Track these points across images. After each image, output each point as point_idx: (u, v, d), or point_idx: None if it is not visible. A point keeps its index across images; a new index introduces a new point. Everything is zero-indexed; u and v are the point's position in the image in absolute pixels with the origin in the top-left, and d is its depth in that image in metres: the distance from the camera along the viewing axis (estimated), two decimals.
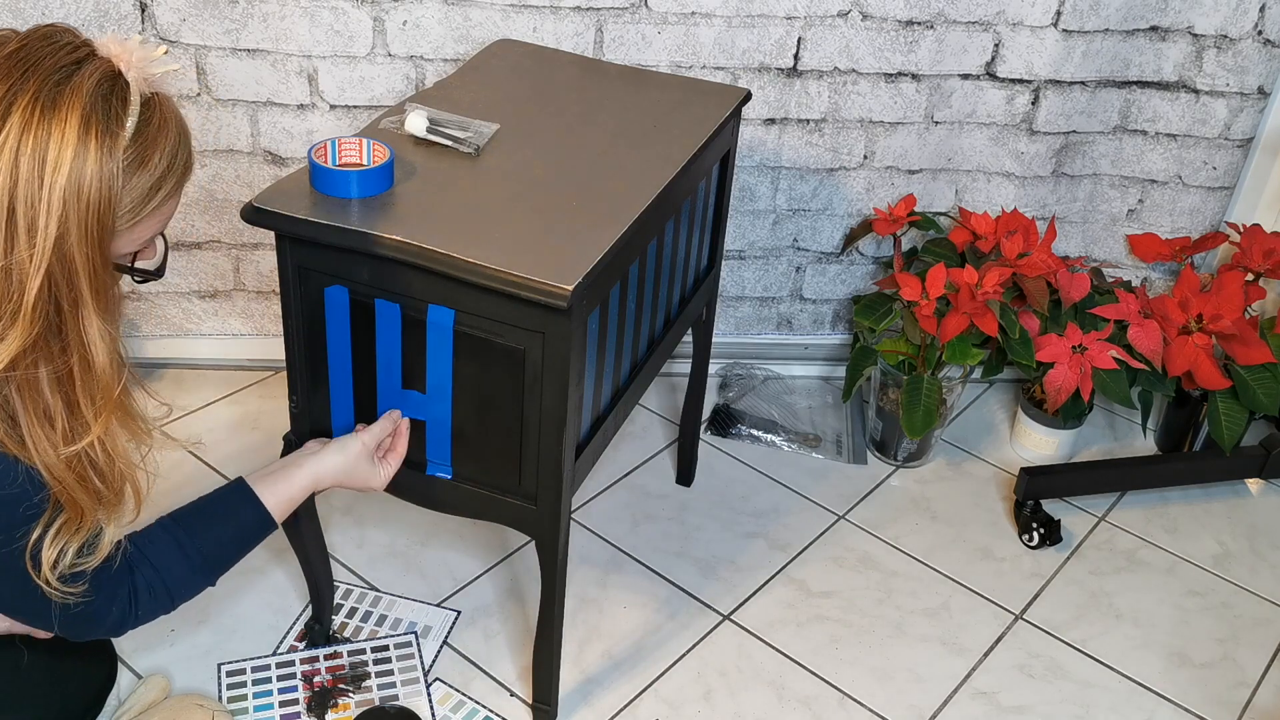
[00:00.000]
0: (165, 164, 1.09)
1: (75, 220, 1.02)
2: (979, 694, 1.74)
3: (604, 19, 1.99)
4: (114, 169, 1.03)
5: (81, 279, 1.04)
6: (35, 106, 0.99)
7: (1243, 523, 2.13)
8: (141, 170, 1.07)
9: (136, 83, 1.06)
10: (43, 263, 1.01)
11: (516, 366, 1.29)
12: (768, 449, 2.22)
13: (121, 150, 1.04)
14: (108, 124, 1.03)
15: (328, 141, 1.36)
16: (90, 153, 1.01)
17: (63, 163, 1.00)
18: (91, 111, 1.01)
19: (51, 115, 1.00)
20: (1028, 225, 2.10)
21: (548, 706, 1.59)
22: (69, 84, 1.01)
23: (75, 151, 1.00)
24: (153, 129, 1.08)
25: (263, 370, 2.29)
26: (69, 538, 1.13)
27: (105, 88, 1.04)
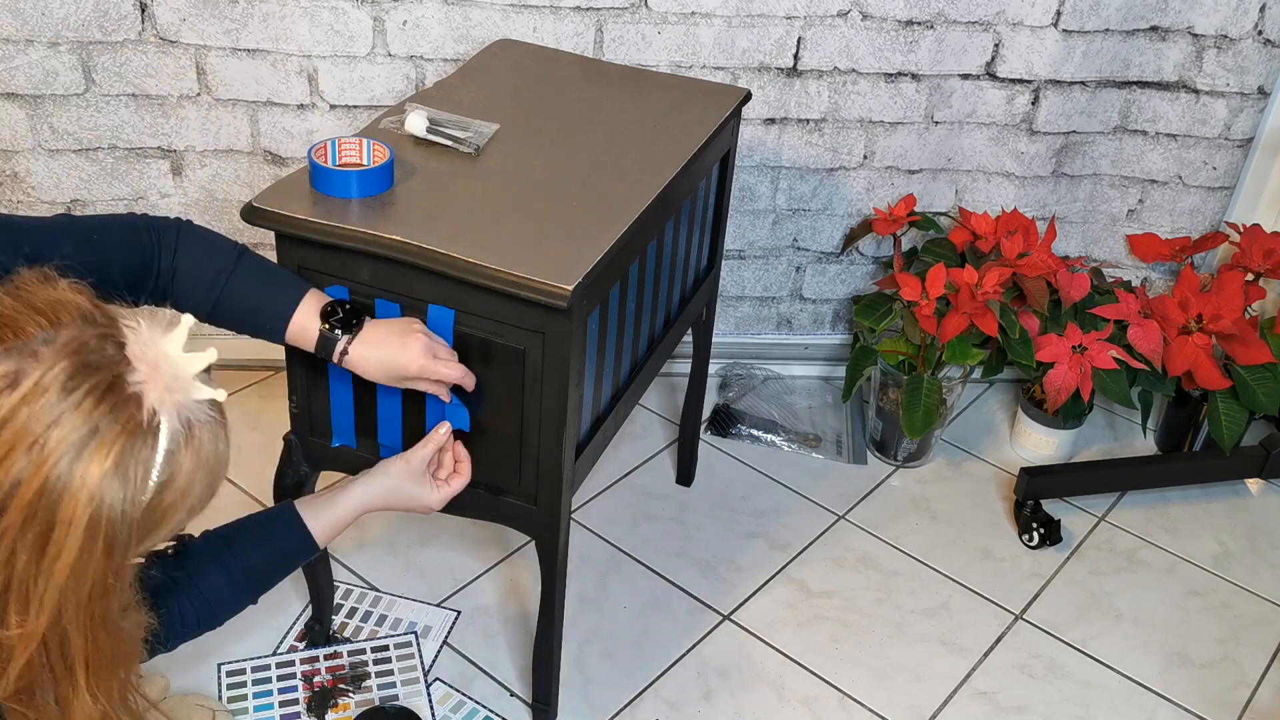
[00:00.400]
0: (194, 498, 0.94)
1: (74, 608, 0.88)
2: (979, 694, 1.74)
3: (604, 19, 1.99)
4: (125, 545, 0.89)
5: (75, 656, 0.91)
6: (43, 488, 0.83)
7: (1243, 523, 2.13)
8: (158, 528, 0.92)
9: (170, 423, 0.88)
10: (32, 643, 0.88)
11: (516, 366, 1.29)
12: (768, 449, 2.22)
13: (136, 521, 0.88)
14: (124, 496, 0.86)
15: (328, 141, 1.36)
16: (99, 541, 0.86)
17: (65, 557, 0.85)
18: (106, 488, 0.85)
19: (58, 498, 0.84)
20: (1028, 225, 2.10)
21: (548, 706, 1.59)
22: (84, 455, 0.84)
23: (81, 543, 0.85)
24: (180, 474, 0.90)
25: (263, 370, 2.29)
26: None
27: (129, 450, 0.86)
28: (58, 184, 2.05)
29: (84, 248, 1.10)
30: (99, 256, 1.12)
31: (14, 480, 0.83)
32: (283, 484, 1.51)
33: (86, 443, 0.84)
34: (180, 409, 0.89)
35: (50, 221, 1.12)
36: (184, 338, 0.89)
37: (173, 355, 0.89)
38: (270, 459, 1.51)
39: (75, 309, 0.88)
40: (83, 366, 0.84)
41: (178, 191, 2.10)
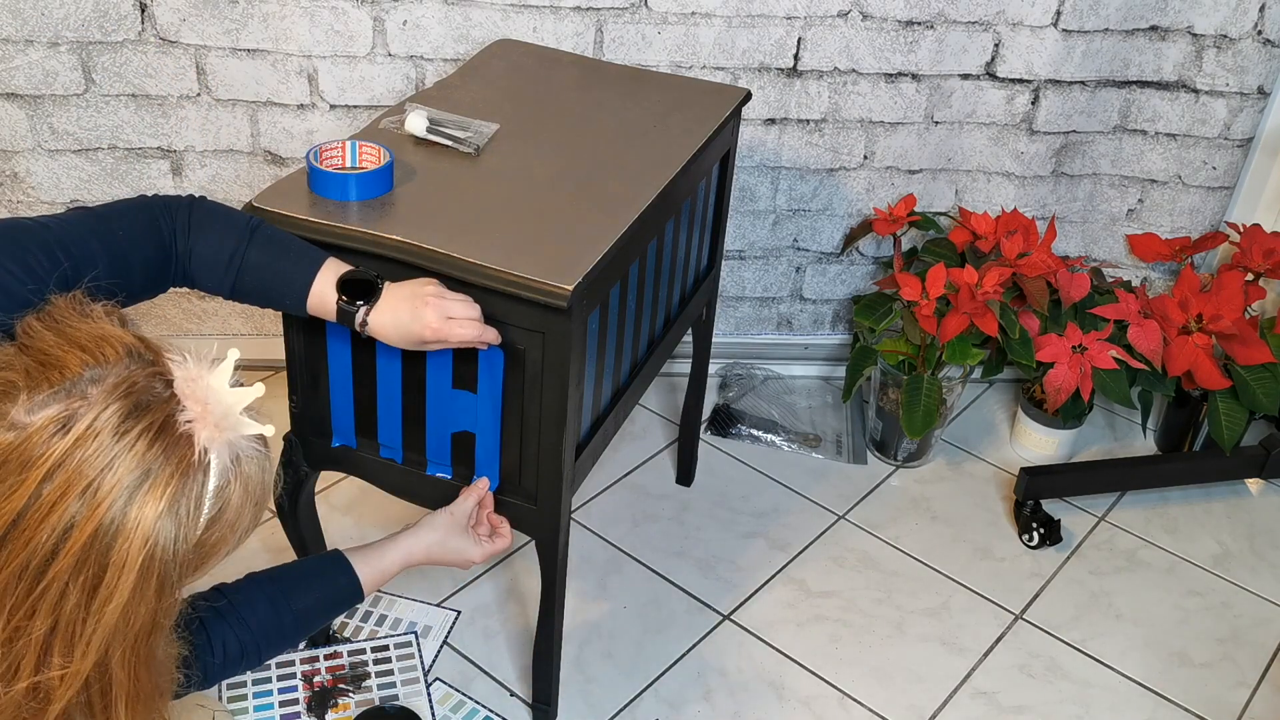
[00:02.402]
0: (241, 531, 0.93)
1: (120, 647, 0.87)
2: (979, 694, 1.74)
3: (604, 19, 1.99)
4: (177, 582, 0.88)
5: (116, 696, 0.90)
6: (97, 532, 0.82)
7: (1243, 523, 2.13)
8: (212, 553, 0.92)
9: (219, 461, 0.88)
10: (75, 684, 0.87)
11: (517, 366, 1.29)
12: (768, 449, 2.22)
13: (188, 557, 0.88)
14: (175, 535, 0.85)
15: (325, 144, 1.36)
16: (152, 580, 0.85)
17: (118, 598, 0.84)
18: (160, 529, 0.84)
19: (113, 540, 0.83)
20: (1028, 225, 2.10)
21: (548, 706, 1.59)
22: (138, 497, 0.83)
23: (134, 583, 0.84)
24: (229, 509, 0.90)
25: (263, 370, 2.29)
26: None
27: (181, 490, 0.85)
28: (57, 184, 2.05)
29: (111, 247, 1.10)
30: (124, 257, 1.12)
31: (67, 524, 0.82)
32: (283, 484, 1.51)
33: (140, 485, 0.83)
34: (230, 446, 0.88)
35: (76, 224, 1.10)
36: (230, 372, 0.89)
37: (220, 391, 0.88)
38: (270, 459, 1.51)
39: (120, 344, 0.87)
40: (135, 408, 0.84)
41: (177, 192, 2.09)
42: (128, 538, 0.83)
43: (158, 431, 0.84)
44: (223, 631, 1.21)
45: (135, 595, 0.85)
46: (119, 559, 0.83)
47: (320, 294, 1.22)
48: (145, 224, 1.14)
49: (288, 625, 1.27)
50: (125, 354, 0.86)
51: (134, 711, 0.92)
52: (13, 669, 0.86)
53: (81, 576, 0.83)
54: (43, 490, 0.81)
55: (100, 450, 0.82)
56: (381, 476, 1.46)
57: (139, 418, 0.84)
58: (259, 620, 1.24)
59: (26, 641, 0.85)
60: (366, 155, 1.37)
